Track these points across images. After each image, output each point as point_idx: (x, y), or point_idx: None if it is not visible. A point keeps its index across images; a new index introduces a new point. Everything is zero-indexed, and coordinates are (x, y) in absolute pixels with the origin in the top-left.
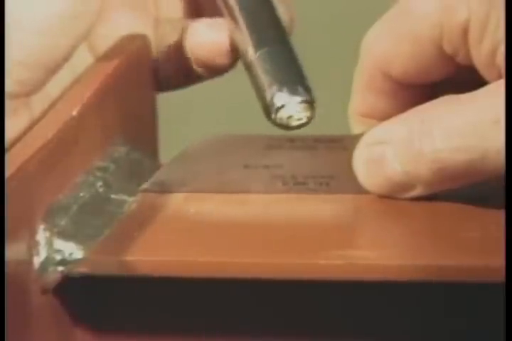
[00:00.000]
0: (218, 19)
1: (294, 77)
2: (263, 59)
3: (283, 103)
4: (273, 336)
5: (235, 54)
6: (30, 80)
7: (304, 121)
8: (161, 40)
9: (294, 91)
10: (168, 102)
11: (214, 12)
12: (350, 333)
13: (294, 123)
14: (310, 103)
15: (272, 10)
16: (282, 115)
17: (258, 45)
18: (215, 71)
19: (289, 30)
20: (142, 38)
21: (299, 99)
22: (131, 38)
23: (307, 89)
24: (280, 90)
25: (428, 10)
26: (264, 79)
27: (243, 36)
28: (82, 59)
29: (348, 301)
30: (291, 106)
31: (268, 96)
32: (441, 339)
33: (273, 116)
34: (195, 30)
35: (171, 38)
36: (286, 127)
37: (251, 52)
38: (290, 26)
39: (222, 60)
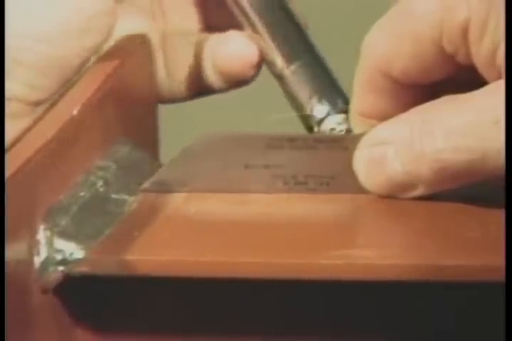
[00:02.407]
0: (243, 32)
1: (331, 88)
2: (298, 72)
3: (324, 115)
4: (273, 336)
5: (260, 66)
6: (39, 86)
7: (343, 132)
8: (172, 54)
9: (333, 104)
10: None
11: (224, 24)
12: (350, 333)
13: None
14: (347, 114)
15: (293, 19)
16: (325, 127)
17: (290, 58)
18: (238, 84)
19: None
20: (142, 38)
21: (338, 110)
22: (131, 38)
23: (345, 101)
24: (320, 102)
25: (428, 9)
26: (301, 92)
27: (269, 48)
28: None
29: (348, 301)
30: (332, 119)
31: (308, 109)
32: (442, 339)
33: (316, 129)
34: (222, 43)
35: (186, 52)
36: None
37: (282, 65)
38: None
39: (251, 72)
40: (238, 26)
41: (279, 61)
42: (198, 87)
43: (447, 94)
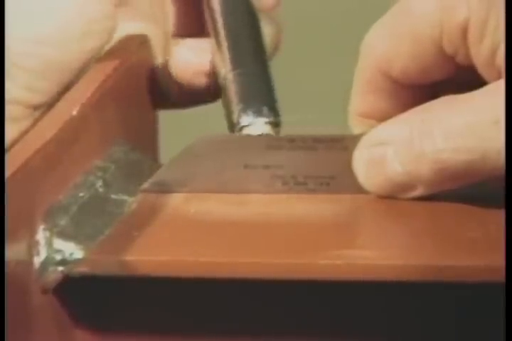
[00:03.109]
0: (203, 40)
1: (261, 98)
2: (234, 80)
3: (247, 123)
4: (273, 336)
5: (213, 75)
6: (39, 89)
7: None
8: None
9: (259, 113)
10: None
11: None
12: (350, 333)
13: None
14: (275, 124)
15: (255, 31)
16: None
17: (233, 67)
18: (197, 93)
19: (275, 49)
20: (142, 38)
21: (263, 120)
22: (131, 38)
23: (273, 111)
24: (245, 111)
25: (428, 9)
26: (232, 99)
27: (223, 58)
28: None
29: (347, 301)
30: (256, 127)
31: (234, 116)
32: (442, 339)
33: (237, 134)
34: (178, 49)
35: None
36: None
37: (225, 73)
38: (276, 45)
39: (201, 80)
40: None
41: (224, 71)
42: (170, 94)
43: (447, 94)
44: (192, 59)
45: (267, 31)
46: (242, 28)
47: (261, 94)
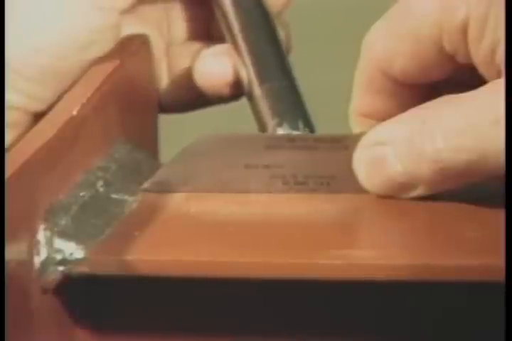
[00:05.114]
0: (225, 47)
1: (295, 112)
2: (265, 95)
3: None
4: (273, 336)
5: (239, 84)
6: (39, 96)
7: None
8: (175, 63)
9: (294, 127)
10: None
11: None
12: (351, 333)
13: None
14: None
15: (275, 40)
16: None
17: (262, 80)
18: (222, 100)
19: (288, 50)
20: (142, 38)
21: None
22: (131, 39)
23: (308, 125)
24: (280, 125)
25: (428, 9)
26: (266, 113)
27: (247, 67)
28: None
29: (347, 301)
30: None
31: (269, 130)
32: (442, 339)
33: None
34: (201, 59)
35: (187, 62)
36: None
37: (255, 86)
38: (288, 49)
39: (225, 90)
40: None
41: (254, 83)
42: (191, 99)
43: (447, 94)
44: (215, 69)
45: (281, 35)
46: (259, 34)
47: (295, 108)
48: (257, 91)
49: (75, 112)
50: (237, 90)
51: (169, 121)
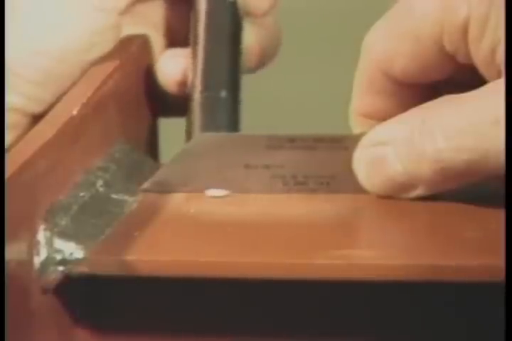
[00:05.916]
0: (186, 51)
1: (220, 129)
2: (200, 102)
3: None
4: (273, 336)
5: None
6: (38, 98)
7: None
8: None
9: None
10: None
11: None
12: (351, 333)
13: None
14: None
15: (234, 53)
16: None
17: (204, 88)
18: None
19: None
20: (142, 38)
21: None
22: (131, 38)
23: None
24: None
25: (428, 9)
26: (194, 121)
27: (195, 72)
28: None
29: (347, 301)
30: None
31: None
32: (442, 339)
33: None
34: (161, 58)
35: None
36: None
37: (196, 92)
38: (263, 53)
39: (174, 89)
40: None
41: (196, 89)
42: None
43: (447, 94)
44: (167, 68)
45: (253, 38)
46: (221, 44)
47: (221, 125)
48: (196, 96)
49: (75, 112)
50: (185, 90)
51: (169, 121)
